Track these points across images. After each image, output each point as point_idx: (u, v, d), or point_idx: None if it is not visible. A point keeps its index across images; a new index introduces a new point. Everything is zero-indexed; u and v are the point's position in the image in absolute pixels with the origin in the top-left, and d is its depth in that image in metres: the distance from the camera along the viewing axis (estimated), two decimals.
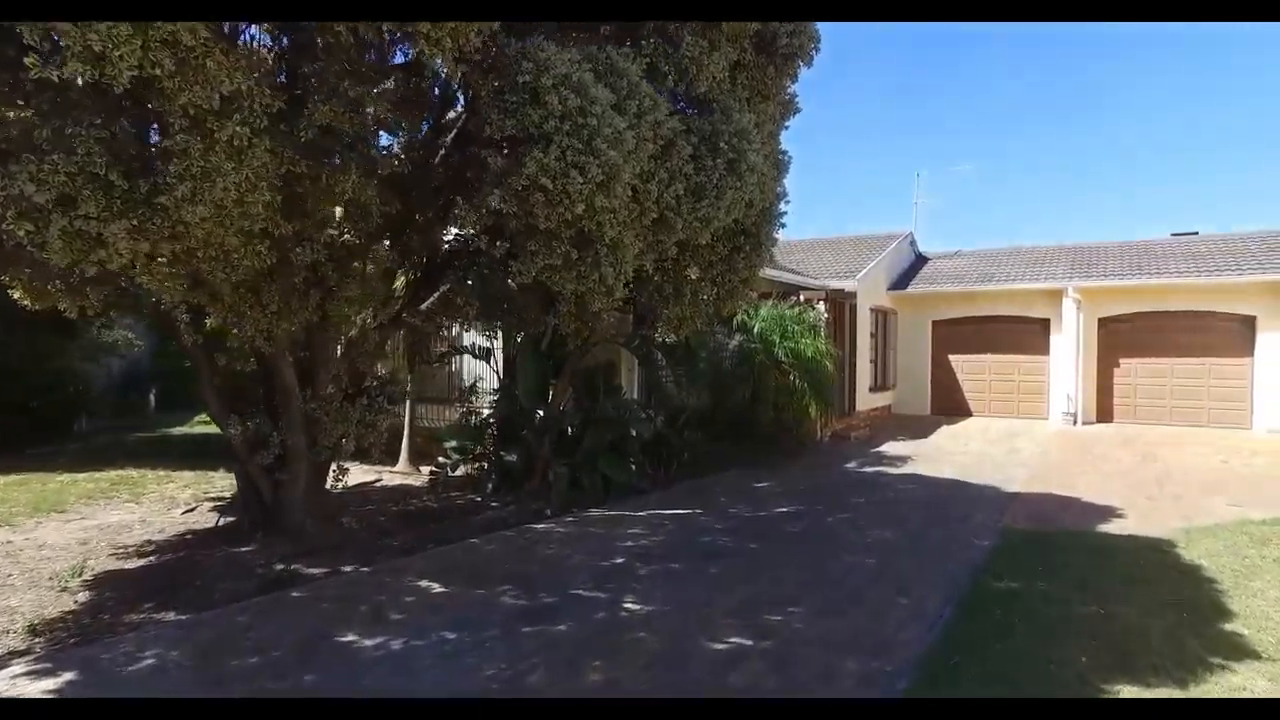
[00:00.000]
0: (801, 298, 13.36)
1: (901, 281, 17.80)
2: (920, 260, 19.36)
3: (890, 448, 12.85)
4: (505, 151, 4.53)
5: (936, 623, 4.67)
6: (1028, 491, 9.17)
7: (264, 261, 4.27)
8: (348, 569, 6.02)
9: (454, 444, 9.08)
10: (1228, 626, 4.53)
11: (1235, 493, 8.80)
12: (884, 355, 17.05)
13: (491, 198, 4.42)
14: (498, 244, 5.10)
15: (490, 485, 8.77)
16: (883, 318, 16.93)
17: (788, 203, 7.68)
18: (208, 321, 5.84)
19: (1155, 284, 15.02)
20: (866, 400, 15.77)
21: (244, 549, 6.50)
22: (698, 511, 7.99)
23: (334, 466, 7.23)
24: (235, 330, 5.48)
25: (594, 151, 4.40)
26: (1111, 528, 7.24)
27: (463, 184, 4.94)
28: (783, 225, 7.71)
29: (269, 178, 3.79)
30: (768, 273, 12.88)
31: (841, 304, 14.57)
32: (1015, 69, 42.67)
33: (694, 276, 7.37)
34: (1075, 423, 15.28)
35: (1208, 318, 14.98)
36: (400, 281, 8.61)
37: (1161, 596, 5.06)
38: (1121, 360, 15.74)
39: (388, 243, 6.36)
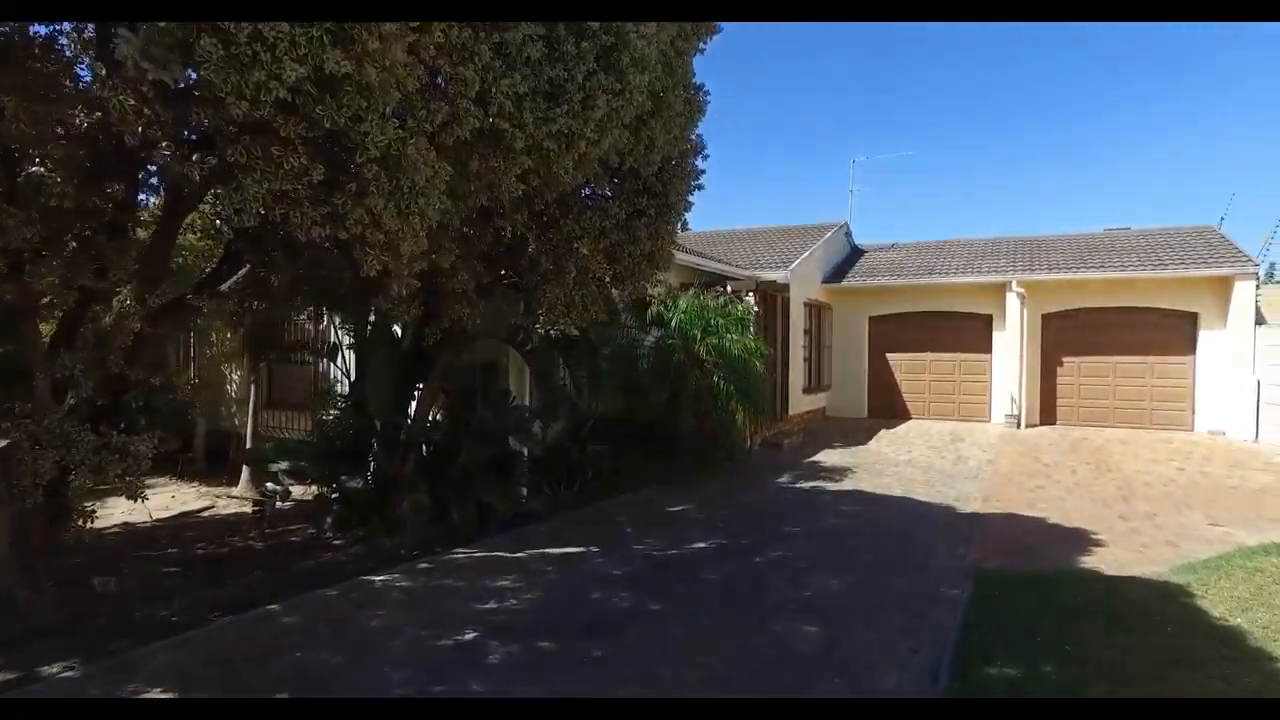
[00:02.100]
0: (728, 289, 11.80)
1: (837, 274, 16.53)
2: (856, 252, 18.17)
3: (827, 457, 11.47)
4: None
5: None
6: (987, 512, 7.86)
7: None
8: (52, 669, 4.04)
9: (284, 465, 7.06)
10: None
11: (1207, 508, 7.99)
12: (819, 353, 15.70)
13: (129, 48, 2.48)
14: (194, 158, 3.08)
15: (330, 518, 6.81)
16: (817, 313, 15.58)
17: (706, 157, 6.03)
18: None
19: (1103, 277, 14.21)
20: (800, 403, 14.37)
21: None
22: (593, 550, 6.26)
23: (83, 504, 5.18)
24: None
25: None
26: (1100, 563, 5.88)
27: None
28: (699, 186, 6.05)
29: None
30: (688, 258, 11.21)
31: (773, 297, 13.10)
32: (949, 62, 42.68)
33: (584, 251, 5.63)
34: (1019, 425, 14.29)
35: (1151, 315, 14.30)
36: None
37: (1220, 689, 3.60)
38: (1065, 359, 14.88)
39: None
